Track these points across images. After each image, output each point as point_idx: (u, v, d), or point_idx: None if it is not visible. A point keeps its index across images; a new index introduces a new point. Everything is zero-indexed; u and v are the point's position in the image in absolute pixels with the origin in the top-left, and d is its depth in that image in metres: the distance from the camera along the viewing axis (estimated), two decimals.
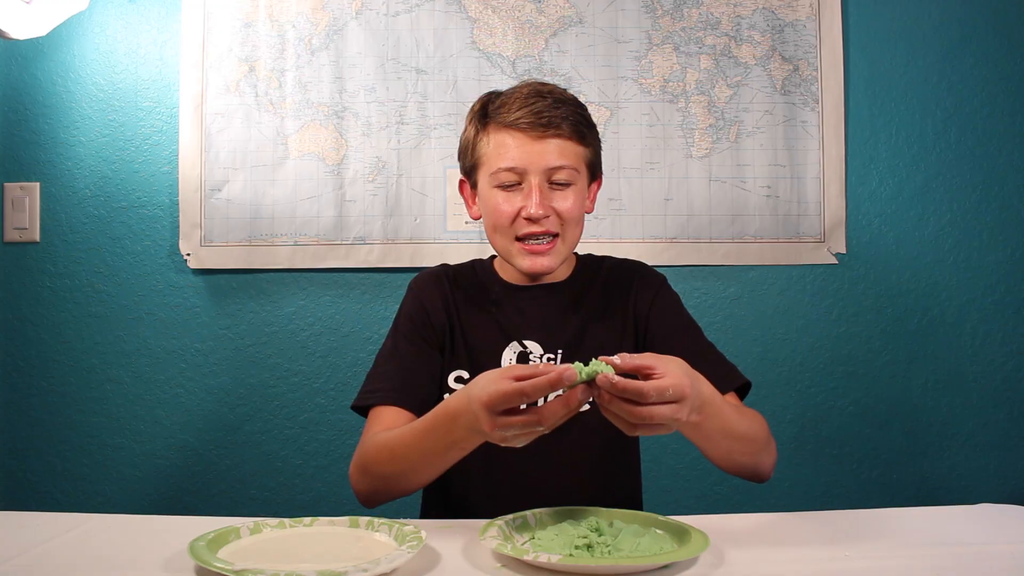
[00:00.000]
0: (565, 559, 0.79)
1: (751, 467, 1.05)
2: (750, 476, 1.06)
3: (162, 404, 1.82)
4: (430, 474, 1.02)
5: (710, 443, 0.97)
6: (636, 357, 0.85)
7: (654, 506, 1.11)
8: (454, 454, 0.97)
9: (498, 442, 0.86)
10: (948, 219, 1.85)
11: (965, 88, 1.85)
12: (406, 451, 1.00)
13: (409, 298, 1.22)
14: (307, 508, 1.77)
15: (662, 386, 0.81)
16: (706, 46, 1.83)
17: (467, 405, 0.87)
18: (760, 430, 1.04)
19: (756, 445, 1.03)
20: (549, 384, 0.80)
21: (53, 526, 0.96)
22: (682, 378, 0.83)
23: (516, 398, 0.81)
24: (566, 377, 0.80)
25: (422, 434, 0.98)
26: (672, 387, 0.81)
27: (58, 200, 1.83)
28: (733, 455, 1.01)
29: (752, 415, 1.05)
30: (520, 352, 1.16)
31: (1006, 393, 1.84)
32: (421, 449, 0.98)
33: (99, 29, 1.83)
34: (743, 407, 1.07)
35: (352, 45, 1.82)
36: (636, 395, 0.80)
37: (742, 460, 1.03)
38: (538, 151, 1.09)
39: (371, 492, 1.06)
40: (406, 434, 1.00)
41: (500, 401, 0.82)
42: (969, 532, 0.96)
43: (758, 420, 1.05)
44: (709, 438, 0.96)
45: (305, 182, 1.81)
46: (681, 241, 1.82)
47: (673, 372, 0.83)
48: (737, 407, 1.04)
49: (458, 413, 0.91)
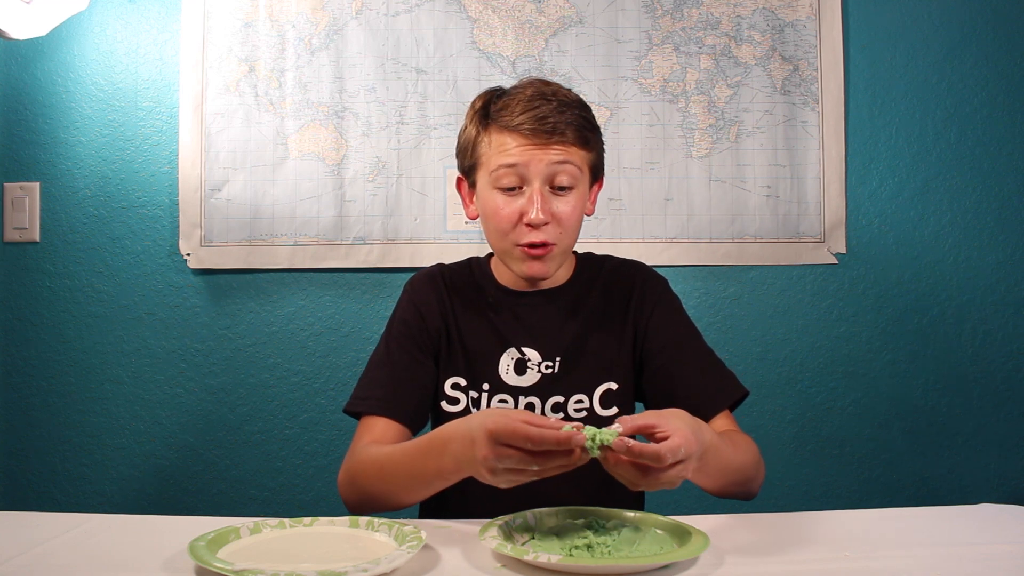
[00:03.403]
0: (565, 559, 0.79)
1: (743, 493, 1.07)
2: (740, 499, 1.08)
3: (162, 404, 1.82)
4: (416, 497, 1.02)
5: (708, 480, 0.99)
6: (636, 418, 0.85)
7: (654, 506, 1.11)
8: (439, 483, 0.96)
9: (485, 474, 0.85)
10: (948, 219, 1.85)
11: (965, 88, 1.85)
12: (395, 472, 1.00)
13: (404, 301, 1.20)
14: (307, 508, 1.77)
15: (675, 446, 0.81)
16: (706, 46, 1.83)
17: (465, 431, 0.87)
18: (752, 458, 1.05)
19: (748, 474, 1.05)
20: (556, 442, 0.79)
21: (53, 526, 0.96)
22: (688, 436, 0.83)
23: (521, 439, 0.80)
24: (575, 441, 0.79)
25: (411, 457, 0.98)
26: (683, 446, 0.81)
27: (58, 200, 1.83)
28: (728, 487, 1.03)
29: (745, 445, 1.06)
30: (518, 359, 1.15)
31: (1006, 393, 1.84)
32: (409, 473, 0.98)
33: (99, 29, 1.83)
34: (736, 436, 1.08)
35: (352, 45, 1.82)
36: (654, 459, 0.80)
37: (735, 489, 1.05)
38: (540, 157, 1.07)
39: (358, 503, 1.06)
40: (396, 454, 1.00)
41: (505, 434, 0.81)
42: (969, 532, 0.96)
43: (751, 450, 1.06)
44: (708, 476, 0.97)
45: (305, 182, 1.81)
46: (681, 241, 1.82)
47: (679, 429, 0.83)
48: (732, 438, 1.05)
49: (451, 440, 0.90)
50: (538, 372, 1.14)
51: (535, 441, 0.80)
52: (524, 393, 1.14)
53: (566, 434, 0.79)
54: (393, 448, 1.02)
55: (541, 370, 1.14)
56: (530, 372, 1.14)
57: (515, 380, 1.14)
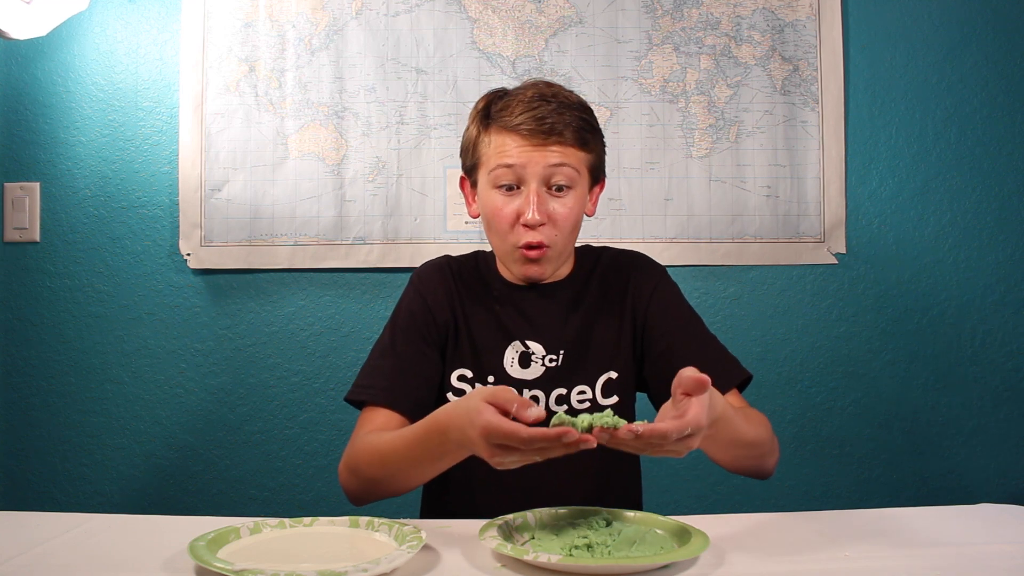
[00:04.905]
0: (565, 559, 0.79)
1: (756, 468, 1.07)
2: (754, 475, 1.08)
3: (162, 404, 1.82)
4: (418, 480, 1.03)
5: (720, 451, 0.99)
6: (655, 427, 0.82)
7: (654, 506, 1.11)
8: (443, 464, 0.97)
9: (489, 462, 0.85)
10: (948, 219, 1.85)
11: (965, 88, 1.85)
12: (395, 457, 1.00)
13: (411, 291, 1.20)
14: (307, 508, 1.78)
15: (681, 426, 0.80)
16: (706, 46, 1.83)
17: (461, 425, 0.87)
18: (765, 433, 1.05)
19: (762, 448, 1.04)
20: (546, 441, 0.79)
21: (53, 526, 0.96)
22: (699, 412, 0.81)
23: (514, 441, 0.80)
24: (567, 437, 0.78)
25: (411, 442, 0.98)
26: (691, 424, 0.80)
27: (58, 200, 1.83)
28: (740, 460, 1.03)
29: (758, 419, 1.06)
30: (522, 352, 1.16)
31: (1006, 393, 1.84)
32: (410, 457, 0.98)
33: (99, 29, 1.83)
34: (749, 410, 1.08)
35: (352, 45, 1.82)
36: (660, 439, 0.79)
37: (748, 464, 1.05)
38: (538, 157, 1.08)
39: (359, 491, 1.06)
40: (396, 440, 1.00)
41: (498, 436, 0.81)
42: (969, 532, 0.96)
43: (764, 423, 1.06)
44: (719, 447, 0.97)
45: (305, 182, 1.81)
46: (681, 241, 1.82)
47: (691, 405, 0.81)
48: (744, 412, 1.05)
49: (449, 427, 0.90)
50: (542, 365, 1.15)
51: (527, 442, 0.80)
52: (528, 386, 1.15)
53: (555, 431, 0.79)
54: (392, 435, 1.02)
55: (545, 363, 1.15)
56: (534, 365, 1.15)
57: (520, 373, 1.15)
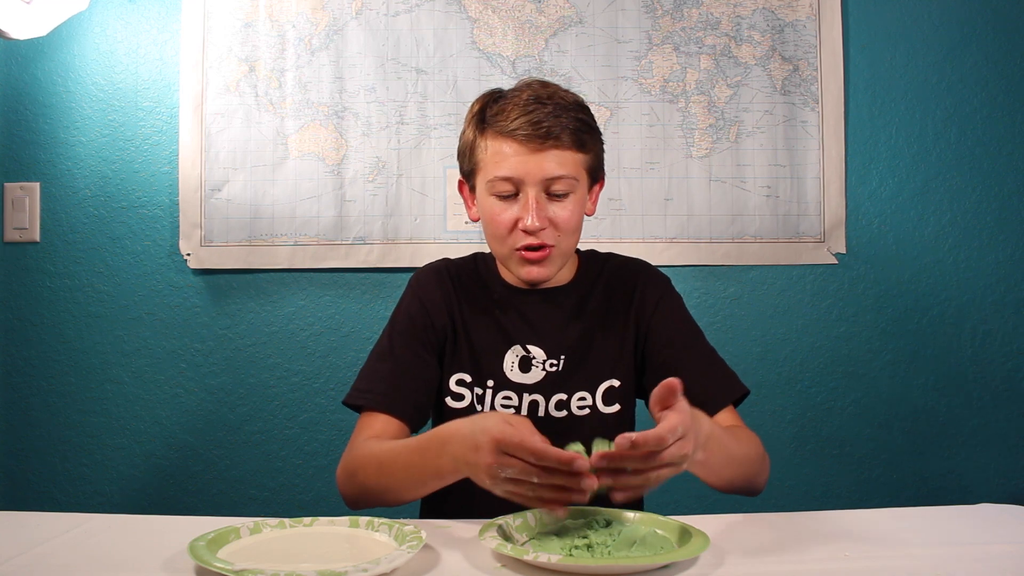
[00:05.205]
0: (565, 559, 0.79)
1: (748, 487, 1.06)
2: (745, 494, 1.08)
3: (162, 404, 1.82)
4: (412, 495, 1.01)
5: (713, 474, 0.98)
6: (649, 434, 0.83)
7: (654, 506, 1.11)
8: (436, 483, 0.96)
9: (484, 479, 0.84)
10: (948, 219, 1.85)
11: (965, 88, 1.85)
12: (392, 468, 1.00)
13: (409, 295, 1.20)
14: (307, 508, 1.77)
15: (672, 425, 0.80)
16: (706, 46, 1.83)
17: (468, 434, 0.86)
18: (756, 452, 1.05)
19: (753, 468, 1.05)
20: (558, 460, 0.79)
21: (53, 526, 0.96)
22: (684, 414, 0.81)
23: (526, 452, 0.80)
24: (577, 466, 0.78)
25: (409, 455, 0.97)
26: (680, 424, 0.80)
27: (58, 200, 1.83)
28: (733, 481, 1.03)
29: (748, 439, 1.06)
30: (523, 356, 1.15)
31: (1006, 393, 1.84)
32: (407, 470, 0.98)
33: (99, 29, 1.83)
34: (739, 430, 1.08)
35: (352, 45, 1.82)
36: (657, 442, 0.79)
37: (740, 483, 1.04)
38: (535, 163, 1.07)
39: (356, 498, 1.06)
40: (395, 451, 1.00)
41: (511, 445, 0.80)
42: (969, 532, 0.96)
43: (754, 443, 1.06)
44: (712, 470, 0.97)
45: (305, 182, 1.81)
46: (681, 241, 1.82)
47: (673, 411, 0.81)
48: (734, 433, 1.04)
49: (451, 440, 0.90)
50: (542, 370, 1.15)
51: (539, 456, 0.79)
52: (528, 391, 1.14)
53: (569, 454, 0.79)
54: (392, 444, 1.02)
55: (545, 368, 1.15)
56: (535, 370, 1.15)
57: (520, 377, 1.15)
